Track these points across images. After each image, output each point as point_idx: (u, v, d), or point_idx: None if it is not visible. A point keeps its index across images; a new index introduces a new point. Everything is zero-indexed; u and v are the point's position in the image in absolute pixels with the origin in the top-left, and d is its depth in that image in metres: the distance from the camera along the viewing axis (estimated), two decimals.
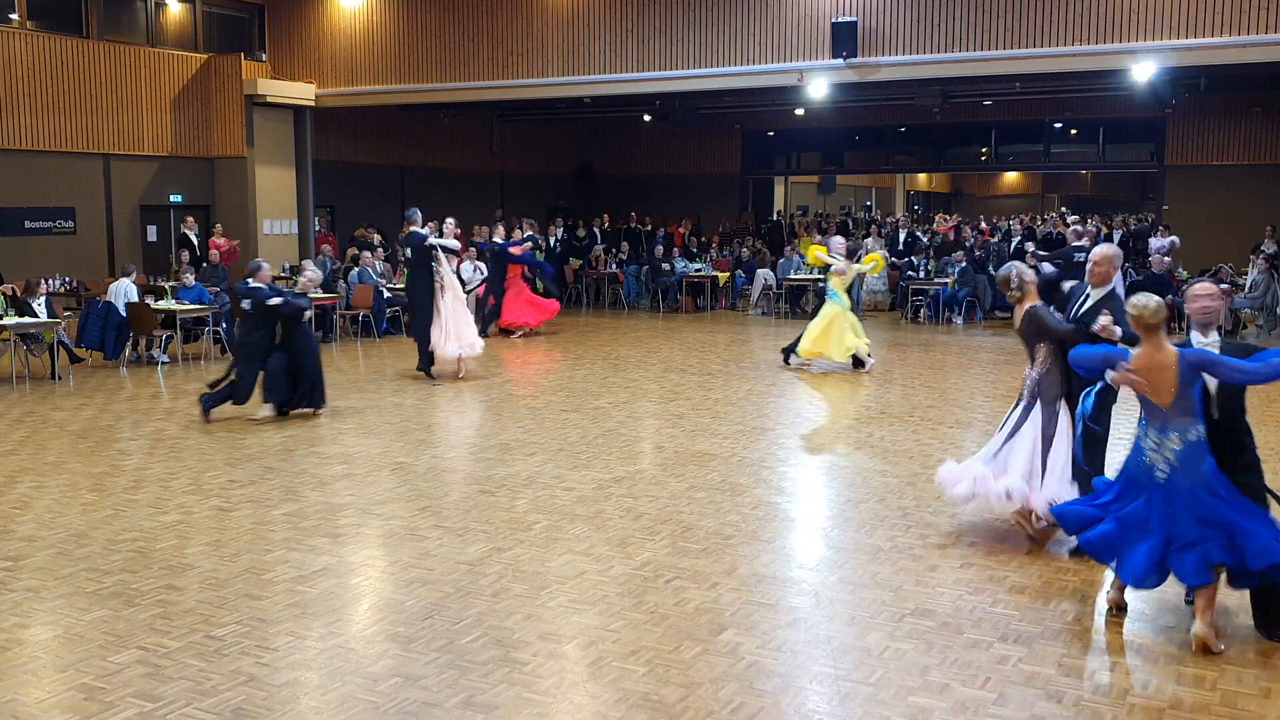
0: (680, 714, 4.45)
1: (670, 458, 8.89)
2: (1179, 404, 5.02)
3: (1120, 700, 4.57)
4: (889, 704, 4.52)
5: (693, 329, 18.09)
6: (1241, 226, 21.07)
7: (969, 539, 6.71)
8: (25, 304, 13.20)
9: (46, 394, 12.07)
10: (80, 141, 18.54)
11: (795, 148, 28.69)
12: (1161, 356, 5.05)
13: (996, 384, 12.50)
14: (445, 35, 19.35)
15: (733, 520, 7.11)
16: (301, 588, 5.87)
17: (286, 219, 20.85)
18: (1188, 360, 5.00)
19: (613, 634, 5.23)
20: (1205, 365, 5.01)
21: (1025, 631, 5.26)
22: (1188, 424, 5.02)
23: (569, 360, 14.53)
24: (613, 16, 18.00)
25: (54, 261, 17.38)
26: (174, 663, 4.92)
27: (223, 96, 20.17)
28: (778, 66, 17.06)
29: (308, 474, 8.40)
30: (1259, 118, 22.50)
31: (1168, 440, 5.05)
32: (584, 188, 28.37)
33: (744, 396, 11.72)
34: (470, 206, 24.33)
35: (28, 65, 17.74)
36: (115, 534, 6.83)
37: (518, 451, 9.11)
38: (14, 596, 5.78)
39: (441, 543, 6.64)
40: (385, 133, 23.58)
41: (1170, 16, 14.69)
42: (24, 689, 4.69)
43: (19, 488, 8.00)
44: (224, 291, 15.76)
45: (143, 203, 19.63)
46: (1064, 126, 25.42)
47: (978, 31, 15.76)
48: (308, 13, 20.51)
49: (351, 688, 4.68)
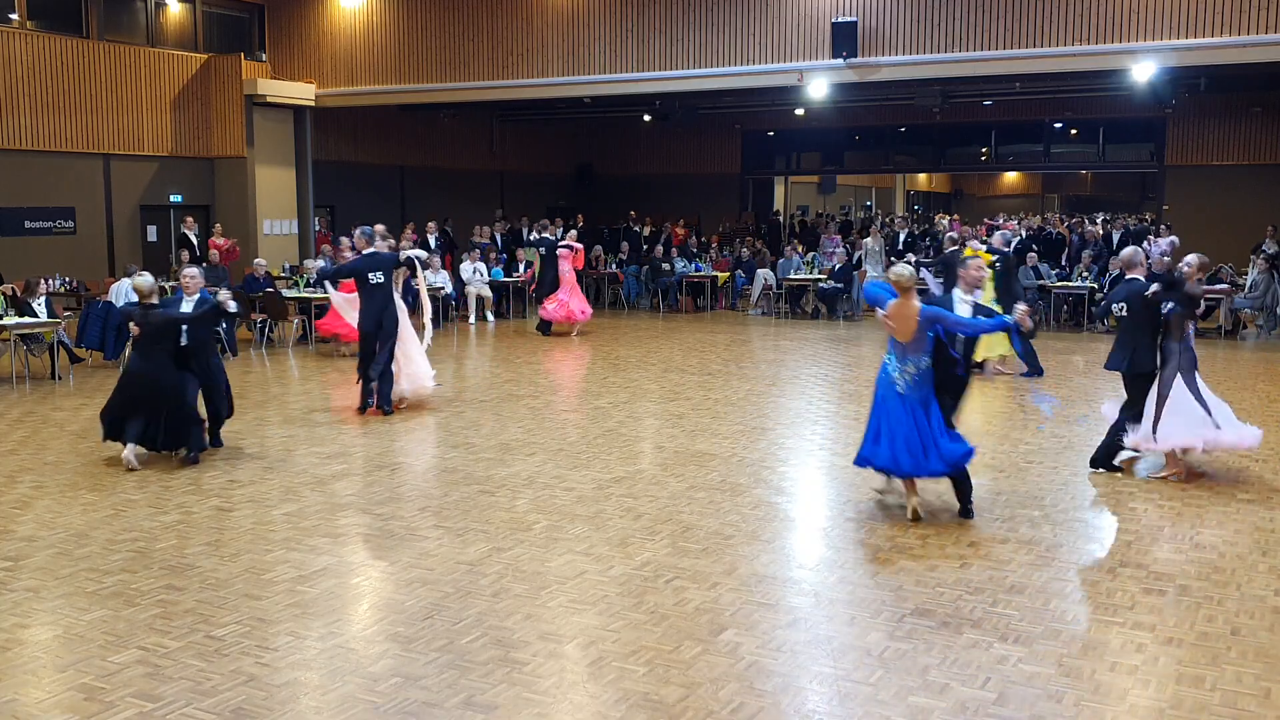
0: (680, 714, 4.45)
1: (670, 458, 8.89)
2: (915, 343, 6.87)
3: (1120, 700, 4.57)
4: (889, 704, 4.52)
5: (693, 329, 18.09)
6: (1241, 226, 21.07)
7: (969, 539, 6.71)
8: (25, 304, 13.20)
9: (46, 394, 12.07)
10: (80, 141, 18.55)
11: (795, 148, 28.69)
12: (909, 309, 6.85)
13: (996, 383, 12.50)
14: (445, 35, 19.36)
15: (733, 520, 7.11)
16: (301, 588, 5.87)
17: (286, 219, 20.86)
18: (925, 314, 6.86)
19: (613, 634, 5.23)
20: (936, 318, 6.90)
21: (1025, 631, 5.26)
22: (920, 357, 6.90)
23: (569, 360, 14.53)
24: (613, 16, 18.01)
25: (54, 261, 17.38)
26: (174, 663, 4.92)
27: (223, 96, 20.18)
28: (778, 66, 17.07)
29: (308, 474, 8.40)
30: (1259, 118, 22.50)
31: (905, 366, 6.91)
32: (584, 188, 28.37)
33: (744, 396, 11.72)
34: (470, 206, 24.35)
35: (28, 65, 17.74)
36: (115, 534, 6.83)
37: (518, 451, 9.11)
38: (14, 596, 5.78)
39: (441, 543, 6.64)
40: (385, 133, 23.58)
41: (1170, 16, 14.69)
42: (24, 689, 4.69)
43: (19, 488, 8.00)
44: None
45: (143, 203, 19.64)
46: (1064, 126, 25.41)
47: (978, 31, 15.76)
48: (308, 13, 20.52)
49: (351, 688, 4.68)
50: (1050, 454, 8.99)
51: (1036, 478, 8.21)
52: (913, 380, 6.88)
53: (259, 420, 10.47)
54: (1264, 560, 6.32)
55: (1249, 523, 7.09)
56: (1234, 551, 6.49)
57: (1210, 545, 6.61)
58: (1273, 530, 6.93)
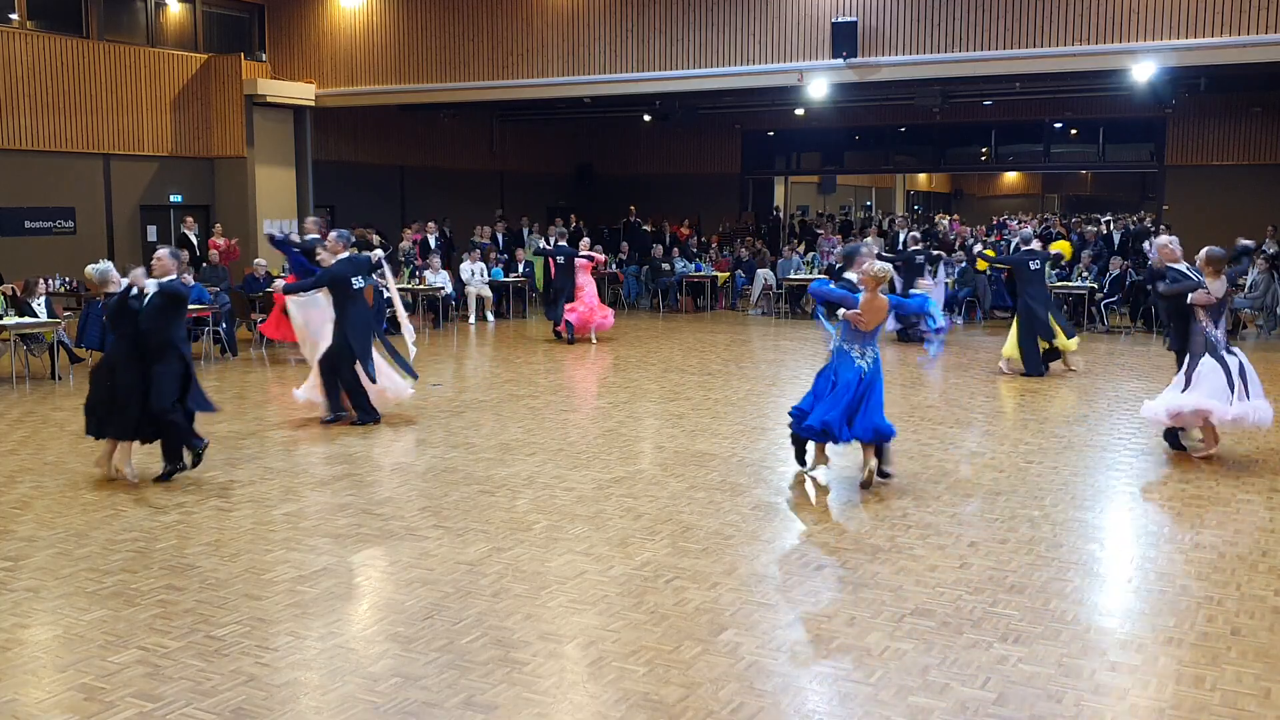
0: (680, 714, 4.45)
1: (670, 458, 8.89)
2: (875, 331, 7.91)
3: (1120, 699, 4.57)
4: (889, 704, 4.52)
5: (693, 329, 18.09)
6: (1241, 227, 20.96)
7: (969, 539, 6.72)
8: (25, 304, 13.20)
9: (46, 394, 12.07)
10: (80, 141, 18.54)
11: (795, 148, 28.67)
12: (879, 302, 7.83)
13: (996, 383, 12.50)
14: (445, 35, 19.35)
15: (733, 520, 7.11)
16: (301, 588, 5.87)
17: (286, 219, 20.85)
18: (893, 304, 8.03)
19: (613, 634, 5.23)
20: (897, 307, 8.22)
21: (1025, 631, 5.26)
22: (875, 343, 7.97)
23: (569, 360, 14.53)
24: (613, 16, 18.00)
25: (54, 261, 17.36)
26: (174, 663, 4.92)
27: (223, 96, 20.16)
28: (778, 66, 17.06)
29: (308, 474, 8.40)
30: (1259, 118, 22.48)
31: (868, 351, 7.89)
32: (584, 188, 28.37)
33: (744, 396, 11.72)
34: (470, 206, 24.34)
35: (28, 65, 17.73)
36: (115, 534, 6.83)
37: (518, 451, 9.11)
38: (14, 596, 5.78)
39: (441, 543, 6.64)
40: (385, 133, 23.57)
41: (1170, 16, 14.69)
42: (24, 689, 4.69)
43: (19, 488, 8.00)
44: (224, 291, 15.76)
45: (143, 203, 19.62)
46: (1064, 126, 25.40)
47: (978, 31, 15.76)
48: (308, 13, 20.51)
49: (351, 688, 4.68)
50: (1050, 454, 8.99)
51: (1036, 478, 8.21)
52: (872, 364, 7.88)
53: (259, 420, 10.46)
54: (1264, 560, 6.32)
55: (1249, 523, 7.09)
56: (1234, 551, 6.49)
57: (1210, 545, 6.61)
58: (1273, 530, 6.93)
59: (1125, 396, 11.65)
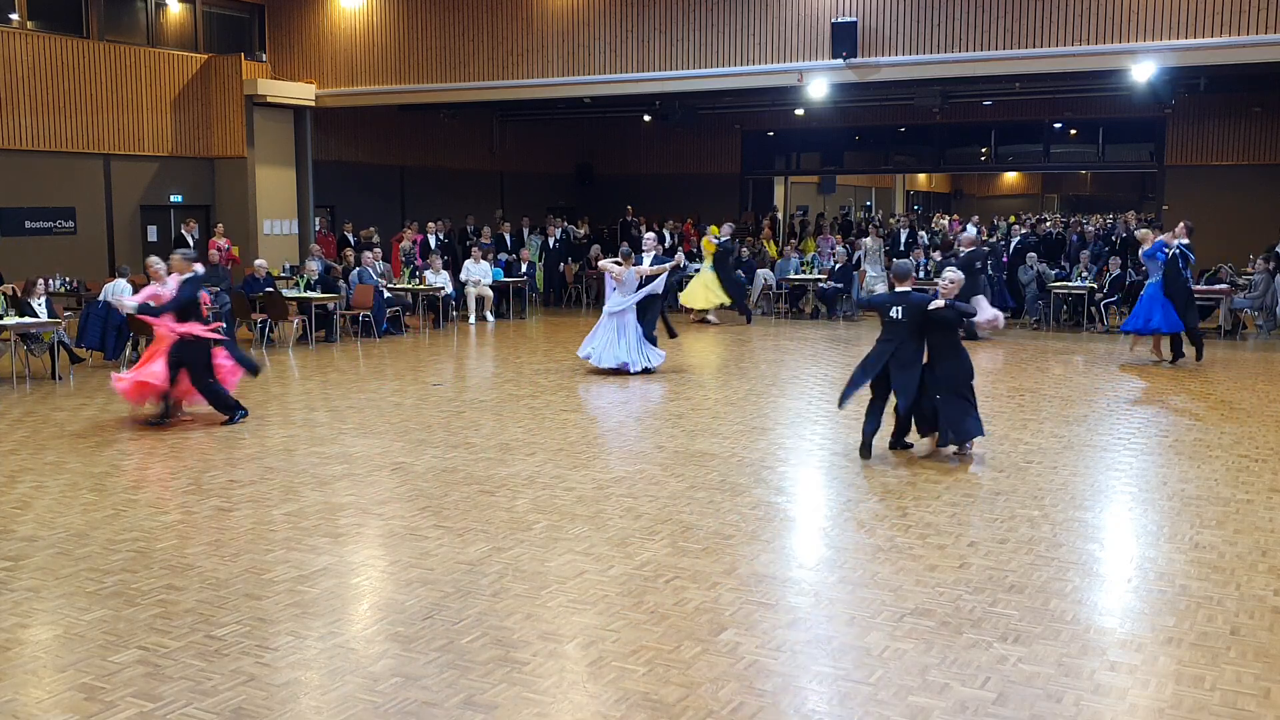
0: (680, 714, 4.45)
1: (670, 458, 8.89)
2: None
3: (1120, 699, 4.57)
4: (889, 704, 4.52)
5: (692, 328, 18.08)
6: (1241, 226, 21.08)
7: (969, 539, 6.72)
8: (25, 304, 13.20)
9: (46, 394, 12.07)
10: (80, 141, 18.55)
11: (795, 148, 28.68)
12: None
13: (996, 383, 12.50)
14: (445, 35, 19.36)
15: (733, 520, 7.11)
16: (301, 588, 5.87)
17: (287, 219, 20.86)
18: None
19: (613, 634, 5.23)
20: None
21: (1025, 631, 5.27)
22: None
23: (569, 360, 14.52)
24: (613, 16, 18.01)
25: (54, 261, 17.38)
26: (174, 663, 4.92)
27: (223, 96, 20.18)
28: (778, 66, 17.07)
29: (308, 474, 8.40)
30: (1259, 118, 22.50)
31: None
32: (584, 188, 28.38)
33: (744, 396, 11.72)
34: (470, 206, 24.34)
35: (28, 65, 17.74)
36: (115, 534, 6.83)
37: (518, 451, 9.11)
38: (14, 596, 5.78)
39: (441, 543, 6.64)
40: (385, 133, 23.58)
41: (1170, 16, 14.69)
42: (24, 689, 4.69)
43: (19, 488, 8.00)
44: (224, 291, 15.77)
45: (143, 203, 19.63)
46: (1064, 126, 25.41)
47: (978, 31, 15.77)
48: (308, 13, 20.52)
49: (351, 688, 4.68)
50: (1050, 454, 8.99)
51: (1036, 478, 8.21)
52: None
53: (259, 420, 10.46)
54: (1264, 560, 6.33)
55: (1249, 523, 7.09)
56: (1234, 551, 6.49)
57: (1210, 545, 6.61)
58: (1273, 530, 6.93)
59: (1125, 396, 11.65)
